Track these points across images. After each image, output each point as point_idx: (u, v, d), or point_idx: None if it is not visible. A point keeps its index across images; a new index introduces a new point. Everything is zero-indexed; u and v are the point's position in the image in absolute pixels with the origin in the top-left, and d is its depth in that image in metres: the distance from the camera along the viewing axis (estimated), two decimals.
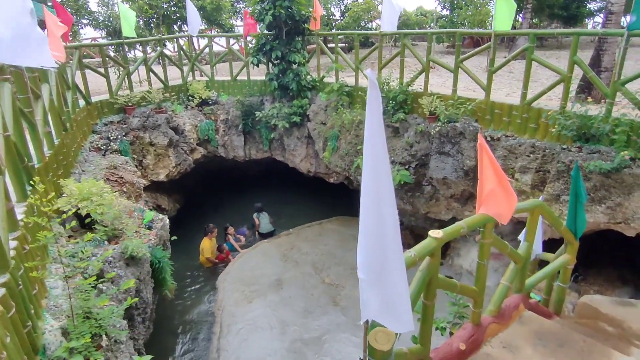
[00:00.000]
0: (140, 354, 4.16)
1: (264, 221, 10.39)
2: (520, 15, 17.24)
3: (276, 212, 11.57)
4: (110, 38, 14.99)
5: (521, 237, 4.33)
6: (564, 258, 4.39)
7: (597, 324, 4.93)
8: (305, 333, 7.01)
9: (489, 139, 7.21)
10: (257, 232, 10.43)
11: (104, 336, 3.07)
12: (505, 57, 7.29)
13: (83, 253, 3.45)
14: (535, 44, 6.53)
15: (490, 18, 14.91)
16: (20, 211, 3.52)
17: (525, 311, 4.08)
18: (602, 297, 6.02)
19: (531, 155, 6.57)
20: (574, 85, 7.32)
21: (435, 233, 2.89)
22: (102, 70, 8.94)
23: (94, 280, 3.37)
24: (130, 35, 9.21)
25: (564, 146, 6.18)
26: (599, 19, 19.40)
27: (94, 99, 8.85)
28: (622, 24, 7.57)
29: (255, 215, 10.50)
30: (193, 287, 8.41)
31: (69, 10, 13.43)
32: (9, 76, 3.83)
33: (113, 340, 3.17)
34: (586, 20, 20.41)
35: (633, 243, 6.42)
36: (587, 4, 18.81)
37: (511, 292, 4.16)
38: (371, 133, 1.69)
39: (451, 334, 4.28)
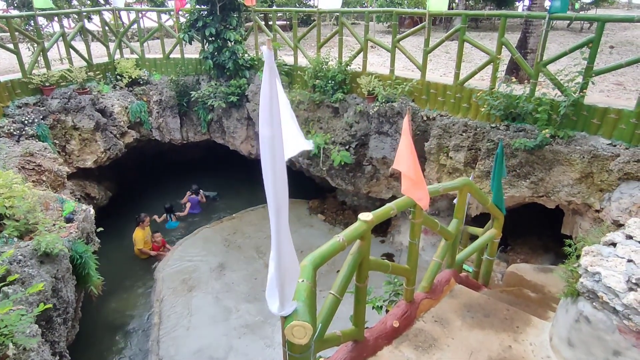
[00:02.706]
0: (62, 357, 3.85)
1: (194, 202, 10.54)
2: None
3: (219, 196, 11.25)
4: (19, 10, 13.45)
5: None
6: (491, 232, 4.61)
7: (522, 291, 5.29)
8: (249, 318, 6.93)
9: (425, 118, 7.37)
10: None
11: (10, 345, 2.77)
12: (442, 37, 7.41)
13: None
14: (467, 24, 6.68)
15: None
16: None
17: (455, 285, 4.25)
18: (527, 265, 6.49)
19: (464, 134, 6.80)
20: (503, 66, 7.62)
21: (364, 216, 2.86)
22: (11, 46, 7.99)
23: None
24: (46, 6, 8.29)
25: (493, 125, 6.44)
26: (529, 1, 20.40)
27: (3, 78, 7.94)
28: (545, 7, 7.93)
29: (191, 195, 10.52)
30: (129, 280, 7.98)
31: None
32: None
33: (22, 348, 2.87)
34: (517, 3, 21.40)
35: (553, 213, 6.92)
36: None
37: (443, 268, 4.31)
38: (265, 114, 1.61)
39: (387, 312, 4.38)
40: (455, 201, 4.16)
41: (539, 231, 8.03)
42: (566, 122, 5.76)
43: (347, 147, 8.17)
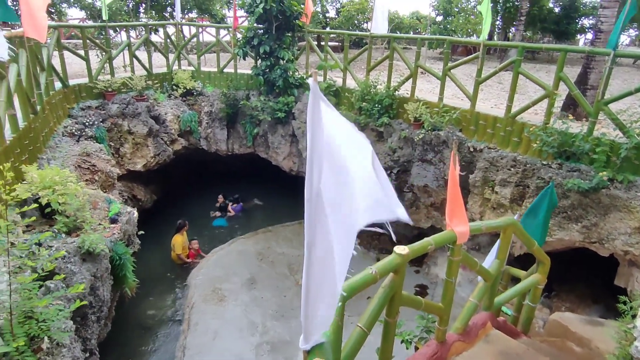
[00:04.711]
0: (92, 354, 3.97)
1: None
2: (514, 26, 17.31)
3: (256, 208, 11.41)
4: (93, 22, 14.58)
5: (490, 255, 4.26)
6: (535, 277, 4.33)
7: (565, 343, 4.89)
8: (274, 336, 6.87)
9: (471, 149, 7.15)
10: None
11: (45, 338, 2.88)
12: (496, 68, 7.23)
13: (39, 250, 3.25)
14: (523, 57, 6.47)
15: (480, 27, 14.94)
16: None
17: (492, 329, 4.00)
18: (573, 315, 6.01)
19: (512, 169, 6.52)
20: (559, 101, 7.30)
21: (400, 249, 2.77)
22: (82, 53, 8.62)
23: (44, 276, 3.18)
24: (107, 16, 8.93)
25: (545, 162, 6.13)
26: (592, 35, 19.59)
27: (72, 82, 8.55)
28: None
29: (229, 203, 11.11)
30: (163, 283, 8.19)
31: None
32: None
33: (55, 343, 2.98)
34: (578, 36, 20.61)
35: (607, 262, 6.42)
36: (579, 21, 18.99)
37: (479, 309, 4.07)
38: (312, 147, 1.47)
39: (416, 348, 4.19)
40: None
41: (589, 279, 7.46)
42: (627, 165, 5.38)
43: (388, 172, 8.06)
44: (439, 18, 18.60)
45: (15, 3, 12.56)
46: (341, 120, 1.64)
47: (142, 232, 5.97)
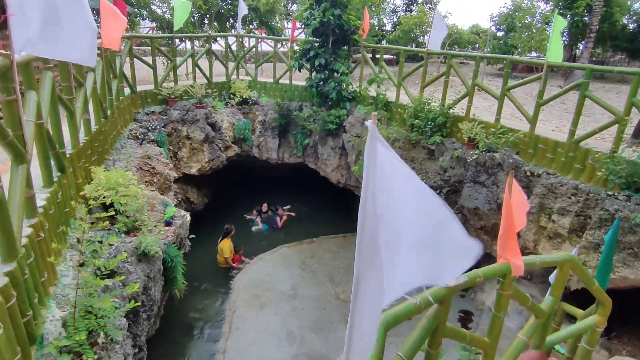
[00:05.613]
0: (140, 350, 4.19)
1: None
2: (582, 43, 16.38)
3: (302, 218, 11.53)
4: (161, 32, 15.55)
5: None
6: (594, 319, 4.03)
7: None
8: (312, 349, 6.88)
9: (528, 173, 6.82)
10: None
11: (101, 334, 3.09)
12: (560, 87, 6.88)
13: (101, 249, 3.49)
14: (590, 79, 6.11)
15: (547, 42, 14.30)
16: (43, 197, 3.62)
17: None
18: None
19: (573, 198, 6.14)
20: (629, 127, 6.80)
21: None
22: (150, 61, 9.20)
23: (105, 273, 3.41)
24: (178, 27, 9.46)
25: (610, 193, 5.73)
26: None
27: (139, 88, 9.14)
28: None
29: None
30: (208, 284, 8.47)
31: None
32: (51, 65, 3.96)
33: (110, 338, 3.19)
34: None
35: None
36: None
37: (529, 347, 3.85)
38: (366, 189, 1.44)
39: None
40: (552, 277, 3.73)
41: None
42: None
43: (438, 191, 7.87)
44: (500, 33, 18.00)
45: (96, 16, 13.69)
46: (400, 166, 1.57)
47: (193, 235, 6.24)
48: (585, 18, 15.83)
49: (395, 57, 16.86)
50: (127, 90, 8.54)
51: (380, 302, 1.73)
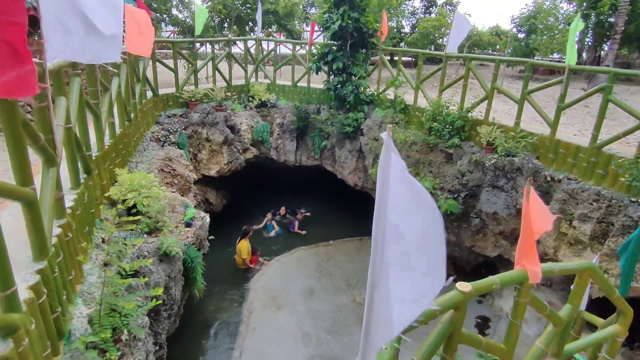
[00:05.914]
0: (161, 347, 4.31)
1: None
2: (607, 44, 15.99)
3: (318, 220, 11.58)
4: (182, 36, 15.86)
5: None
6: (614, 329, 3.96)
7: None
8: (327, 350, 6.93)
9: (548, 178, 6.72)
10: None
11: (125, 331, 3.21)
12: (584, 89, 6.76)
13: (125, 249, 3.62)
14: (614, 83, 5.99)
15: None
16: (71, 198, 3.78)
17: None
18: None
19: (594, 204, 6.03)
20: None
21: (463, 286, 2.70)
22: (171, 65, 9.42)
23: (129, 272, 3.54)
24: (199, 32, 9.65)
25: (634, 199, 5.60)
26: None
27: (161, 91, 9.36)
28: None
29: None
30: (227, 285, 8.60)
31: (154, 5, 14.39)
32: (79, 71, 4.12)
33: (132, 336, 3.31)
34: None
35: None
36: None
37: (547, 356, 3.81)
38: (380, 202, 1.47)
39: None
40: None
41: None
42: None
43: (455, 195, 7.82)
44: (521, 35, 17.71)
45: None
46: (410, 181, 1.54)
47: (212, 237, 6.36)
48: (611, 18, 15.45)
49: (413, 59, 16.77)
50: (149, 94, 8.76)
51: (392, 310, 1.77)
